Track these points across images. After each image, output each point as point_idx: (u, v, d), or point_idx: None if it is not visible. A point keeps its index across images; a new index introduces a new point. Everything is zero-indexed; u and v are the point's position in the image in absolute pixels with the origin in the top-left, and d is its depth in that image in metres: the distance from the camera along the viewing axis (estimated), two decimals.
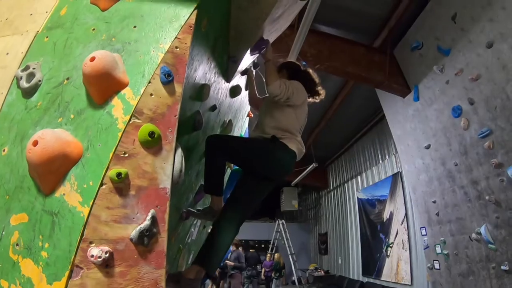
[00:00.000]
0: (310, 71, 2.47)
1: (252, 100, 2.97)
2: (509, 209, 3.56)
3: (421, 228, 5.56)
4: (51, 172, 1.12)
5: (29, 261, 1.07)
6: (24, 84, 1.31)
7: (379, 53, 5.32)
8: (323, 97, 2.46)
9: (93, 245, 1.06)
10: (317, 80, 2.43)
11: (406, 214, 6.73)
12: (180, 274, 1.71)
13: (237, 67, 2.49)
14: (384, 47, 5.27)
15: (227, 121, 2.86)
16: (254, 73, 2.86)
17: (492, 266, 3.82)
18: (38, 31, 1.48)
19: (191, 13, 1.41)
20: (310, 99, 2.41)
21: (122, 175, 1.12)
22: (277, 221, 11.53)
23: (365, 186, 8.79)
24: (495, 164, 3.66)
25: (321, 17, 4.57)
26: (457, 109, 4.14)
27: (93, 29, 1.39)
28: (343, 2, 4.68)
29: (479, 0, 3.61)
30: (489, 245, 3.84)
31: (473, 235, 4.08)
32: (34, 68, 1.33)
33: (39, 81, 1.32)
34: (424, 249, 5.40)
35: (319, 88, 2.43)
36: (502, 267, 3.65)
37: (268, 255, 10.24)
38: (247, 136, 3.77)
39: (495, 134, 3.65)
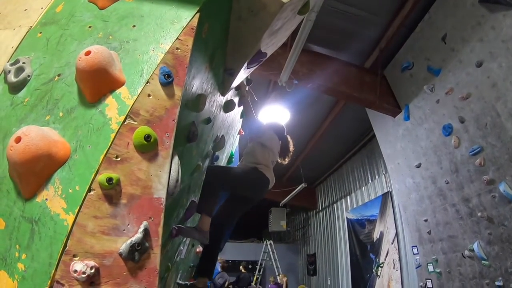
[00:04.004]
0: (289, 138, 3.10)
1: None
2: (501, 225, 3.54)
3: (412, 247, 5.48)
4: (34, 173, 1.00)
5: (3, 274, 0.94)
6: (12, 78, 1.21)
7: (370, 73, 5.39)
8: (285, 163, 3.10)
9: (76, 258, 0.93)
10: (291, 148, 3.09)
11: (396, 234, 6.67)
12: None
13: (233, 80, 2.45)
14: (375, 67, 5.34)
15: (219, 136, 2.79)
16: (247, 89, 2.92)
17: (486, 283, 3.76)
18: (31, 27, 1.40)
19: (193, 16, 1.35)
20: (279, 160, 3.03)
21: (113, 181, 1.01)
22: (264, 242, 11.30)
23: (355, 206, 8.72)
24: (486, 181, 3.66)
25: (313, 37, 4.65)
26: (447, 128, 4.18)
27: (90, 27, 1.32)
28: (336, 23, 4.77)
29: (469, 21, 3.68)
30: (483, 261, 3.79)
31: (466, 252, 4.03)
32: (24, 63, 1.23)
33: (28, 76, 1.22)
34: (416, 268, 5.31)
35: (289, 155, 3.08)
36: (497, 283, 3.60)
37: (272, 278, 10.09)
38: (237, 153, 4.06)
39: (486, 151, 3.67)
